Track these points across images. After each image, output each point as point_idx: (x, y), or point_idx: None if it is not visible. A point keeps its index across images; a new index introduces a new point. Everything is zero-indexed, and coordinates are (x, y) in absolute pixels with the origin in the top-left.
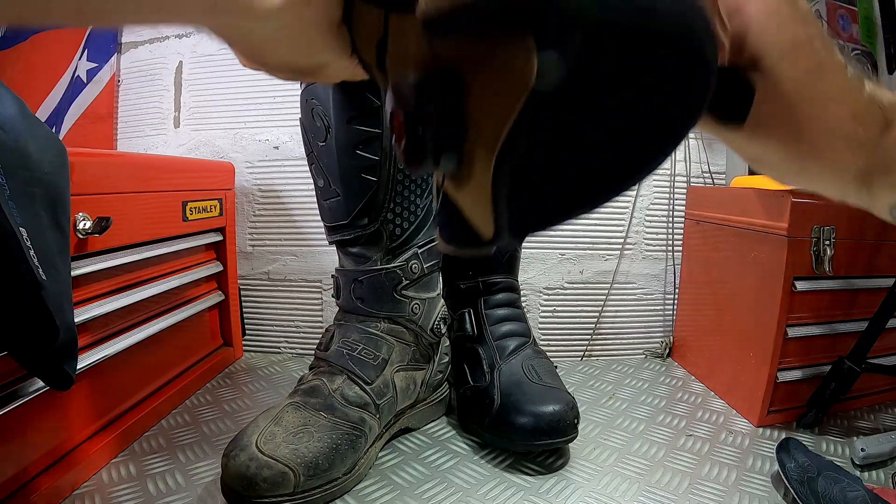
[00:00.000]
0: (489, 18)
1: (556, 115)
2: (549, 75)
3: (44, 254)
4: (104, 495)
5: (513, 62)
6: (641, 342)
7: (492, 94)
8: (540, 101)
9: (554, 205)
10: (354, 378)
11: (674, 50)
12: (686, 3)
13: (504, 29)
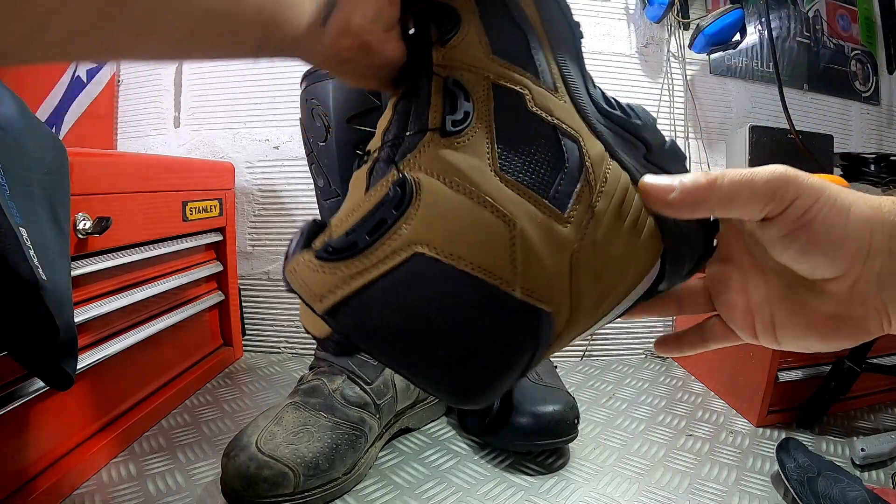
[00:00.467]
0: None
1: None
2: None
3: (44, 254)
4: (104, 495)
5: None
6: (641, 342)
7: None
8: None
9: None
10: (354, 378)
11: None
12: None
13: None
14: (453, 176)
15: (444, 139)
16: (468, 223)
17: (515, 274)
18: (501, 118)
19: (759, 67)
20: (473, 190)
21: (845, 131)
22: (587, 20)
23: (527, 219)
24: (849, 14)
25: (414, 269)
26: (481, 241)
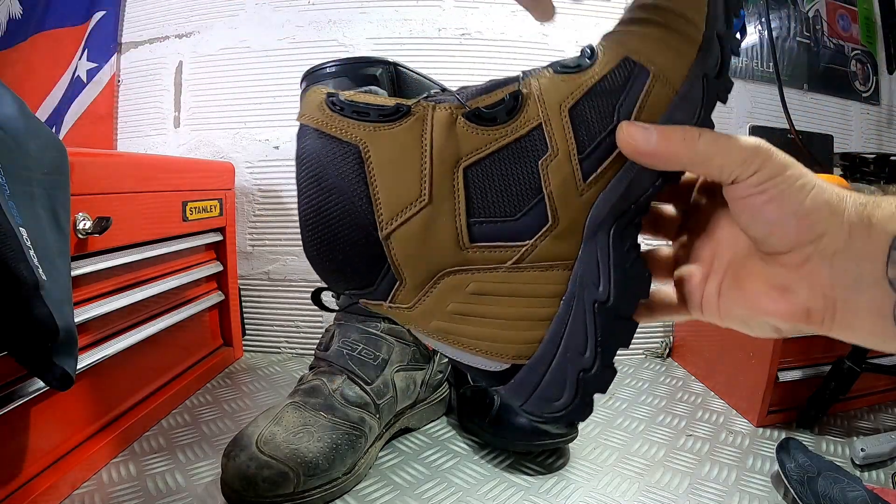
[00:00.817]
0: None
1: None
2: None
3: (44, 254)
4: (104, 495)
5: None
6: (641, 342)
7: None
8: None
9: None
10: (354, 378)
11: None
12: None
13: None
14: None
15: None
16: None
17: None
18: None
19: (759, 67)
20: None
21: (845, 131)
22: (587, 20)
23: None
24: (849, 14)
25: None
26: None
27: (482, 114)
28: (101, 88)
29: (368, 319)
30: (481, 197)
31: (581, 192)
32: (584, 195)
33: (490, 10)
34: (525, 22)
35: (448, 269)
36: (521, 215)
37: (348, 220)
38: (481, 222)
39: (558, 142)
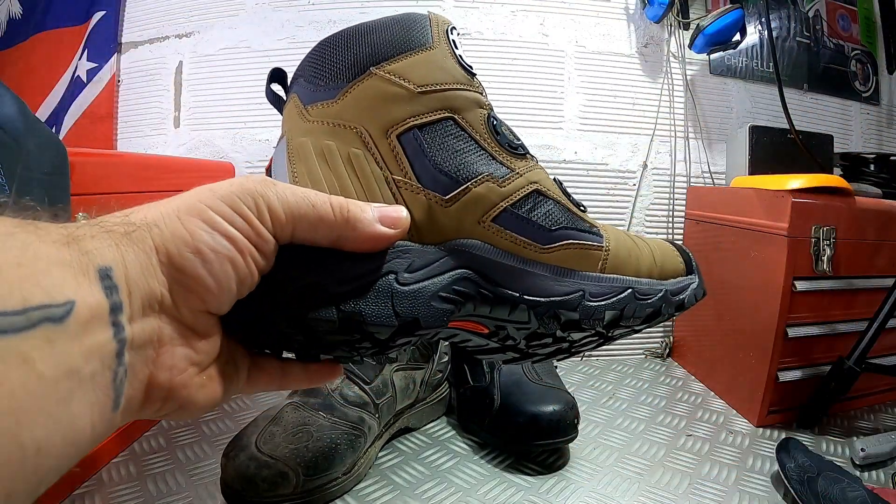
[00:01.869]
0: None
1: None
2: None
3: None
4: (104, 495)
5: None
6: (641, 342)
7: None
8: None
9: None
10: (353, 377)
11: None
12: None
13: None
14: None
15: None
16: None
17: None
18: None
19: (759, 67)
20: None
21: (845, 131)
22: (587, 20)
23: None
24: (849, 14)
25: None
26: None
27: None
28: (101, 88)
29: None
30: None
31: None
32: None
33: (490, 10)
34: (525, 22)
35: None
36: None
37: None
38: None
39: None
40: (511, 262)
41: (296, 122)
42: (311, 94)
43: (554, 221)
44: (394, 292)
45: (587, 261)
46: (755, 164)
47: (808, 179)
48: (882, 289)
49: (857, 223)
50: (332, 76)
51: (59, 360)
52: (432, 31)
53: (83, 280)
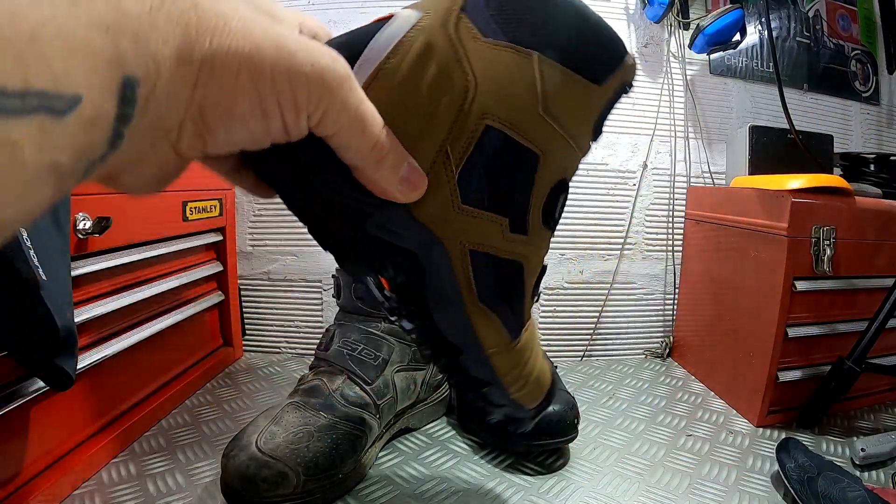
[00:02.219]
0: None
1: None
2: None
3: (44, 254)
4: (104, 495)
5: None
6: (641, 342)
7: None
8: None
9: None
10: (354, 378)
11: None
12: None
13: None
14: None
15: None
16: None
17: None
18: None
19: (759, 67)
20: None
21: (845, 131)
22: None
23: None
24: (849, 14)
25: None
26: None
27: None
28: None
29: (368, 319)
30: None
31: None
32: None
33: None
34: None
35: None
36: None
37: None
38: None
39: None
40: (451, 297)
41: (453, 29)
42: (500, 32)
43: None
44: (361, 233)
45: (496, 337)
46: (755, 164)
47: (808, 179)
48: (882, 289)
49: (857, 223)
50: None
51: (46, 153)
52: (615, 74)
53: (103, 79)
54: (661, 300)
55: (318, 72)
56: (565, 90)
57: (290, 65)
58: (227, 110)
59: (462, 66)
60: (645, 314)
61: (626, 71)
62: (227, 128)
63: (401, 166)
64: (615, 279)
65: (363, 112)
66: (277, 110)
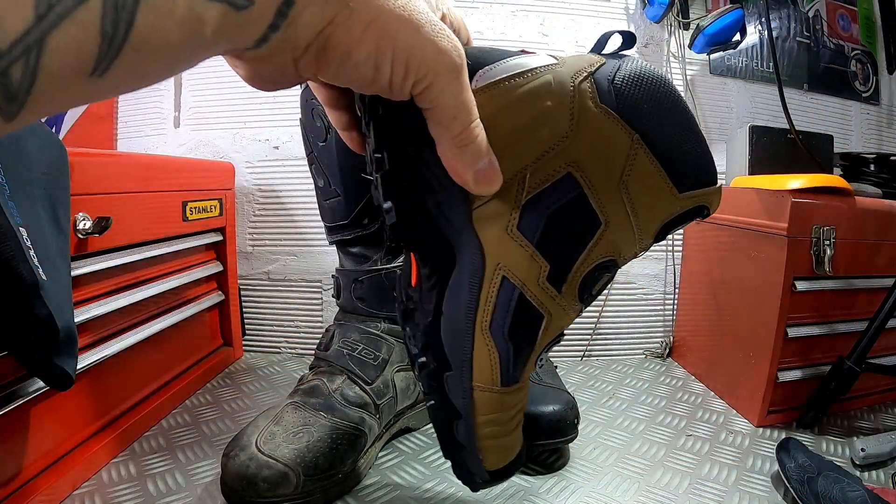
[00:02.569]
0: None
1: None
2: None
3: (44, 254)
4: (104, 495)
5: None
6: (641, 342)
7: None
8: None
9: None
10: (354, 378)
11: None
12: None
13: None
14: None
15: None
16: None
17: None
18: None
19: (759, 67)
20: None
21: (845, 131)
22: (587, 20)
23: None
24: (849, 14)
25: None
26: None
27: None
28: None
29: (368, 320)
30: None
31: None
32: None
33: (490, 10)
34: (525, 22)
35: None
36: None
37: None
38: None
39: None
40: (466, 310)
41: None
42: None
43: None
44: (421, 205)
45: (487, 372)
46: (755, 164)
47: (808, 179)
48: (882, 289)
49: (857, 223)
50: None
51: (217, 33)
52: (696, 193)
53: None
54: (661, 300)
55: (438, 51)
56: (647, 179)
57: (416, 35)
58: (345, 53)
59: (571, 114)
60: (645, 314)
61: (708, 196)
62: (339, 65)
63: (480, 160)
64: (615, 279)
65: (464, 99)
66: (389, 68)
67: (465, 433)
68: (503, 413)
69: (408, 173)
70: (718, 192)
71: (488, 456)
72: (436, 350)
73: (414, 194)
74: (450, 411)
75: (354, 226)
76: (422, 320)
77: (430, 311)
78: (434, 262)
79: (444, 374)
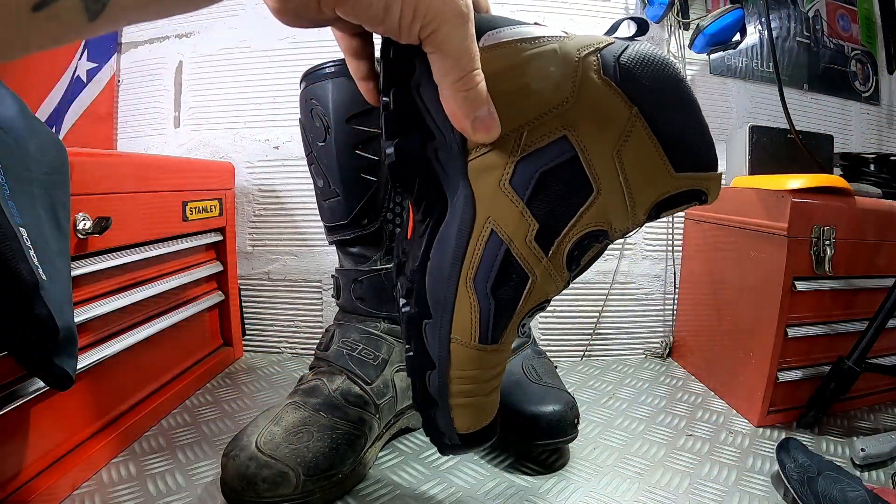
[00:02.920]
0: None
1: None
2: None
3: (44, 254)
4: (104, 495)
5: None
6: (641, 342)
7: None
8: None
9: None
10: (354, 378)
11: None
12: None
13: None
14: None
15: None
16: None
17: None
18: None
19: (759, 67)
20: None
21: (845, 131)
22: (587, 20)
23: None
24: (849, 14)
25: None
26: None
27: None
28: (101, 88)
29: (368, 320)
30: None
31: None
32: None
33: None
34: None
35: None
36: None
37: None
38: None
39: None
40: (452, 258)
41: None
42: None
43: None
44: (420, 150)
45: (466, 326)
46: (755, 164)
47: (808, 179)
48: (882, 289)
49: (857, 223)
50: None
51: None
52: (693, 176)
53: None
54: (661, 300)
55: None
56: (643, 152)
57: None
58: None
59: (573, 81)
60: (645, 314)
61: (706, 181)
62: (354, 3)
63: (480, 108)
64: (615, 279)
65: (467, 46)
66: (398, 10)
67: (437, 385)
68: (479, 372)
69: (410, 117)
70: (718, 178)
71: (459, 415)
72: (419, 296)
73: (414, 138)
74: (425, 361)
75: (354, 226)
76: (410, 266)
77: (418, 257)
78: (427, 207)
79: (423, 322)
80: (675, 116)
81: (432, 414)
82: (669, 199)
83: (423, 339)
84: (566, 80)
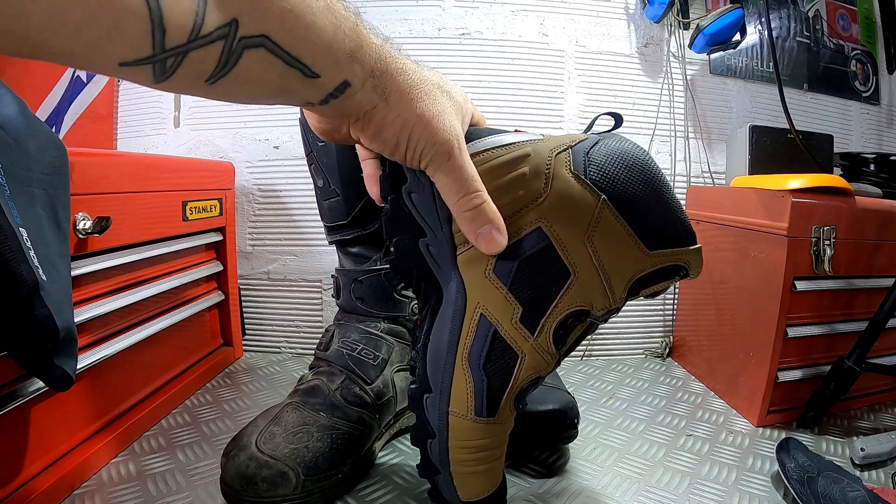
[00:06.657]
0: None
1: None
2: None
3: (44, 254)
4: (104, 495)
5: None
6: (641, 342)
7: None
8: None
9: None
10: (354, 378)
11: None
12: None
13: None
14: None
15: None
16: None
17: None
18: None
19: (759, 67)
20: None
21: (845, 131)
22: (587, 20)
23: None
24: (849, 14)
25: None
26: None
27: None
28: (101, 88)
29: (368, 320)
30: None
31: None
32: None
33: (490, 10)
34: (525, 22)
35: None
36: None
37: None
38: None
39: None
40: (450, 341)
41: (561, 164)
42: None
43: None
44: (414, 246)
45: (462, 399)
46: (755, 164)
47: (808, 179)
48: (882, 289)
49: (857, 223)
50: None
51: (292, 91)
52: (668, 252)
53: (335, 74)
54: (661, 300)
55: (437, 143)
56: (613, 235)
57: (425, 130)
58: (379, 129)
59: (546, 178)
60: (645, 314)
61: (683, 255)
62: (374, 136)
63: (482, 226)
64: None
65: (457, 176)
66: (405, 147)
67: (438, 453)
68: (477, 442)
69: (404, 219)
70: (697, 252)
71: (462, 483)
72: (421, 373)
73: (409, 236)
74: (426, 430)
75: (354, 226)
76: (414, 346)
77: (419, 339)
78: (426, 295)
79: (424, 396)
80: (643, 200)
81: (436, 481)
82: (648, 277)
83: (423, 410)
84: (539, 178)
